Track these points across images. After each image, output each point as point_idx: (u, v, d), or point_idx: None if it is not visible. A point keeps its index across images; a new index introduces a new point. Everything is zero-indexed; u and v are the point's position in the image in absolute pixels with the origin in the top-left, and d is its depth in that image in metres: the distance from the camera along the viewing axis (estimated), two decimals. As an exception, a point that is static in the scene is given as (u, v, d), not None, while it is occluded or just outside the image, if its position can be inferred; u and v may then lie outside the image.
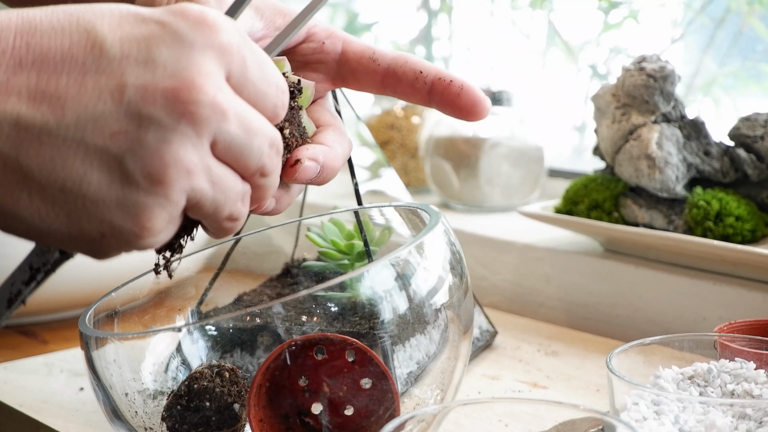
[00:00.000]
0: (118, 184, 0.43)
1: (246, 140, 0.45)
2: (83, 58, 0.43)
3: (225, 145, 0.45)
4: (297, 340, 0.60)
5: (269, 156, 0.47)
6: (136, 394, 0.64)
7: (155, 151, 0.43)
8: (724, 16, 1.27)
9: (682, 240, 0.91)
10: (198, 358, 0.69)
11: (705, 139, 0.97)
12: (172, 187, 0.44)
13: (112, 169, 0.43)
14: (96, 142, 0.42)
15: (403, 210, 0.74)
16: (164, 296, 0.75)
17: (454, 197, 1.22)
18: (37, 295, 1.03)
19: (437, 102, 0.58)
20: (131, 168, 0.43)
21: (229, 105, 0.44)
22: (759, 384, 0.65)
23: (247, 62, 0.45)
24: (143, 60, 0.43)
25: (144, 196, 0.43)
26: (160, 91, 0.43)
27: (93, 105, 0.42)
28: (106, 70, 0.43)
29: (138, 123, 0.43)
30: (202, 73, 0.44)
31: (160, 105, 0.43)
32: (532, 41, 1.45)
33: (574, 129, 1.43)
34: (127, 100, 0.43)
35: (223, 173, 0.46)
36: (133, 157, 0.43)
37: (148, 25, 0.44)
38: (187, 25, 0.44)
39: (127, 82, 0.43)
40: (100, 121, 0.42)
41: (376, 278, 0.61)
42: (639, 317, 0.97)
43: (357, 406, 0.60)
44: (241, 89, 0.46)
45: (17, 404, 0.81)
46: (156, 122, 0.43)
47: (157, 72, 0.43)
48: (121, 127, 0.42)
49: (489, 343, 0.93)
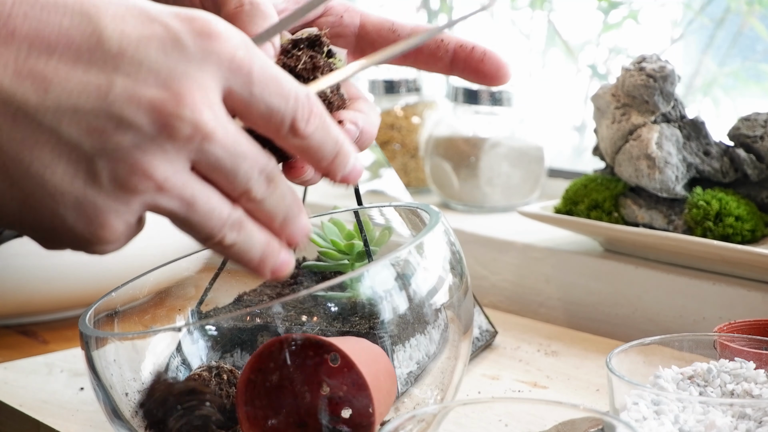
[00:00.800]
0: (81, 182, 0.42)
1: (231, 164, 0.44)
2: (78, 43, 0.42)
3: (208, 165, 0.44)
4: (290, 339, 0.60)
5: (258, 182, 0.45)
6: (137, 394, 0.64)
7: (127, 157, 0.42)
8: (723, 16, 1.27)
9: (682, 240, 0.91)
10: (198, 358, 0.69)
11: (705, 139, 0.97)
12: (135, 196, 0.43)
13: (80, 165, 0.42)
14: (71, 133, 0.41)
15: (403, 210, 0.74)
16: (164, 296, 0.75)
17: (454, 197, 1.22)
18: (37, 295, 1.03)
19: (460, 69, 0.58)
20: (99, 168, 0.42)
21: (216, 125, 0.43)
22: (759, 384, 0.65)
23: (253, 77, 0.44)
24: (138, 61, 0.42)
25: (103, 200, 0.42)
26: (146, 98, 0.42)
27: (77, 95, 0.41)
28: (98, 62, 0.42)
29: (117, 124, 0.42)
30: (195, 88, 0.42)
31: (143, 112, 0.42)
32: (532, 41, 1.45)
33: (574, 129, 1.43)
34: (111, 98, 0.41)
35: (204, 194, 0.44)
36: (103, 158, 0.42)
37: (152, 26, 0.43)
38: (191, 33, 0.43)
39: (116, 80, 0.42)
40: (79, 113, 0.41)
41: (376, 278, 0.61)
42: (639, 317, 0.97)
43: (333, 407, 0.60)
44: (247, 106, 0.44)
45: (17, 404, 0.81)
46: (135, 128, 0.42)
47: (149, 78, 0.42)
48: (99, 125, 0.41)
49: (489, 343, 0.93)
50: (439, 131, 1.23)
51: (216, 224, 0.45)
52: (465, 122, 1.22)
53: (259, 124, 0.45)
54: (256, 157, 0.45)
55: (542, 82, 1.45)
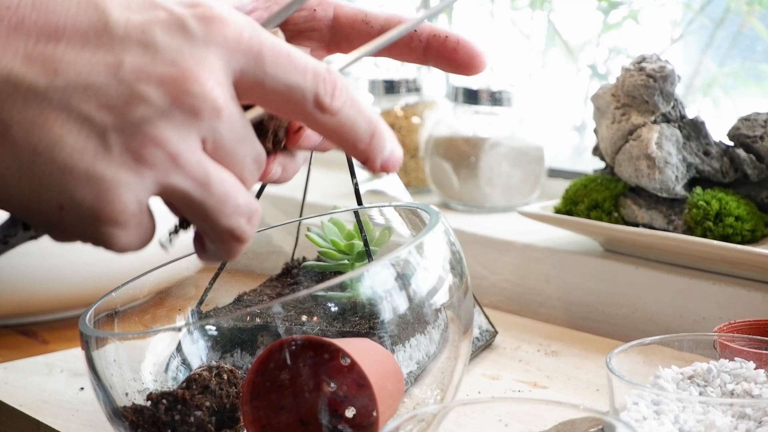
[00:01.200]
0: (92, 155, 0.42)
1: (231, 146, 0.44)
2: (86, 28, 0.42)
3: (213, 144, 0.44)
4: (293, 339, 0.60)
5: (250, 170, 0.45)
6: (137, 394, 0.64)
7: (139, 129, 0.42)
8: (723, 16, 1.27)
9: (681, 240, 0.91)
10: (198, 358, 0.69)
11: (705, 139, 0.97)
12: (148, 169, 0.42)
13: (90, 140, 0.42)
14: (81, 108, 0.42)
15: (403, 210, 0.74)
16: (164, 296, 0.75)
17: (454, 197, 1.22)
18: (37, 295, 1.03)
19: (434, 59, 0.57)
20: (111, 141, 0.42)
21: (225, 102, 0.43)
22: (759, 384, 0.65)
23: (264, 56, 0.44)
24: (145, 43, 0.42)
25: (114, 171, 0.42)
26: (157, 74, 0.42)
27: (86, 74, 0.42)
28: (105, 45, 0.42)
29: (128, 99, 0.42)
30: (202, 67, 0.43)
31: (153, 86, 0.42)
32: (532, 41, 1.45)
33: (574, 129, 1.43)
34: (122, 75, 0.42)
35: (219, 175, 0.44)
36: (115, 131, 0.42)
37: (156, 11, 0.43)
38: (195, 17, 0.43)
39: (125, 58, 0.42)
40: (90, 90, 0.42)
41: (376, 278, 0.61)
42: (639, 317, 0.97)
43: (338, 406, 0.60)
44: (262, 87, 0.44)
45: (17, 404, 0.81)
46: (146, 101, 0.42)
47: (157, 57, 0.42)
48: (110, 101, 0.42)
49: (489, 343, 0.93)
50: (439, 131, 1.23)
51: (231, 211, 0.44)
52: (465, 122, 1.22)
53: (281, 106, 0.45)
54: (253, 143, 0.45)
55: (542, 82, 1.45)
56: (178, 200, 0.44)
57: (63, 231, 0.44)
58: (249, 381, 0.60)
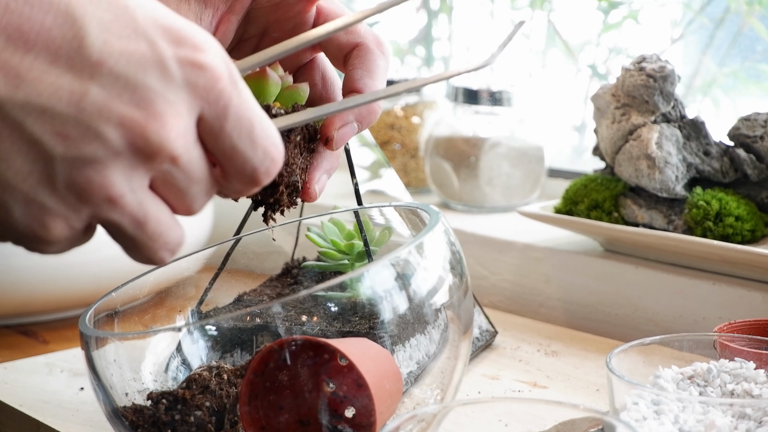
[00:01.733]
0: (36, 180, 0.41)
1: (185, 186, 0.44)
2: (58, 44, 0.40)
3: (164, 183, 0.44)
4: (291, 340, 0.60)
5: (197, 199, 0.45)
6: (136, 394, 0.64)
7: (87, 167, 0.41)
8: (723, 16, 1.27)
9: (682, 240, 0.91)
10: (198, 358, 0.69)
11: (705, 139, 0.97)
12: (87, 206, 0.42)
13: (36, 165, 0.41)
14: (34, 131, 0.40)
15: (403, 210, 0.74)
16: (164, 296, 0.75)
17: (454, 197, 1.22)
18: (38, 295, 1.03)
19: None
20: (57, 171, 0.41)
21: (183, 151, 0.43)
22: (759, 384, 0.65)
23: (229, 114, 0.43)
24: (116, 75, 0.41)
25: (54, 203, 0.42)
26: (119, 113, 0.41)
27: (47, 96, 0.40)
28: (75, 68, 0.41)
29: (84, 133, 0.41)
30: (169, 112, 0.42)
31: (113, 127, 0.41)
32: (532, 41, 1.45)
33: (574, 129, 1.43)
34: (83, 106, 0.41)
35: (156, 215, 0.44)
36: (63, 163, 0.41)
37: (137, 42, 0.41)
38: (176, 59, 0.42)
39: (91, 89, 0.41)
40: (47, 114, 0.40)
41: (376, 278, 0.61)
42: (639, 317, 0.97)
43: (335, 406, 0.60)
44: (214, 138, 0.44)
45: (17, 404, 0.81)
46: (101, 140, 0.41)
47: (125, 94, 0.41)
48: (66, 130, 0.41)
49: (489, 343, 0.93)
50: (439, 131, 1.23)
51: (159, 247, 0.45)
52: (465, 122, 1.22)
53: (223, 162, 0.45)
54: (206, 181, 0.45)
55: (542, 82, 1.45)
56: (110, 230, 0.44)
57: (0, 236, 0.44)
58: (248, 381, 0.60)
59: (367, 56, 0.60)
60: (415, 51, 1.59)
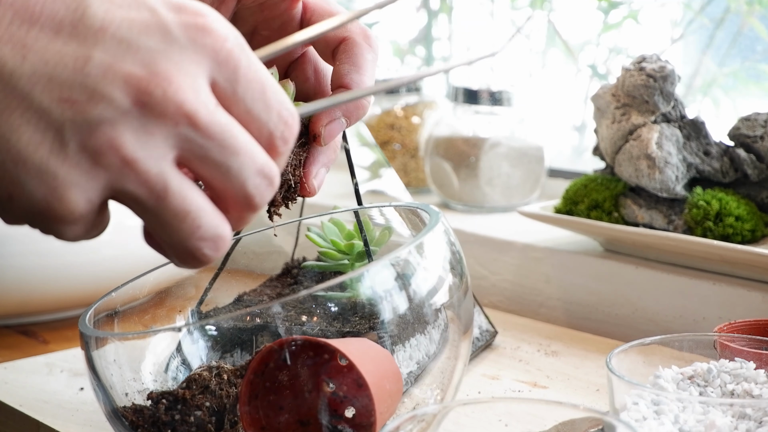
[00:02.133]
0: (47, 150, 0.40)
1: (220, 156, 0.42)
2: (62, 15, 0.41)
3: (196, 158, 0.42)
4: (291, 340, 0.60)
5: (257, 187, 0.43)
6: (136, 394, 0.64)
7: (96, 129, 0.40)
8: (723, 16, 1.27)
9: (682, 240, 0.91)
10: (198, 358, 0.69)
11: (705, 139, 0.97)
12: (101, 171, 0.41)
13: (47, 133, 0.40)
14: (42, 101, 0.40)
15: (403, 210, 0.74)
16: (164, 296, 0.75)
17: (454, 197, 1.22)
18: (38, 295, 1.03)
19: None
20: (67, 138, 0.40)
21: (198, 107, 0.41)
22: (759, 384, 0.65)
23: (239, 74, 0.43)
24: (119, 39, 0.41)
25: (66, 170, 0.41)
26: (123, 72, 0.41)
27: (53, 64, 0.40)
28: (79, 36, 0.41)
29: (90, 96, 0.40)
30: (176, 70, 0.41)
31: (118, 86, 0.40)
32: (532, 41, 1.45)
33: (574, 129, 1.43)
34: (87, 70, 0.40)
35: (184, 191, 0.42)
36: (72, 128, 0.40)
37: (140, 10, 0.42)
38: (180, 24, 0.42)
39: (94, 54, 0.41)
40: (54, 82, 0.40)
41: (376, 278, 0.61)
42: (639, 317, 0.97)
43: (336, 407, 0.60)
44: (228, 103, 0.43)
45: (17, 404, 0.81)
46: (108, 101, 0.40)
47: (128, 56, 0.41)
48: (72, 95, 0.40)
49: (489, 343, 0.93)
50: (439, 131, 1.23)
51: (190, 232, 0.42)
52: (465, 122, 1.22)
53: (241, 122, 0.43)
54: (252, 153, 0.43)
55: (542, 82, 1.45)
56: (132, 206, 0.42)
57: (12, 216, 0.43)
58: (248, 381, 0.60)
59: (355, 50, 0.59)
60: (415, 51, 1.59)
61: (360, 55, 0.59)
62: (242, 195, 0.43)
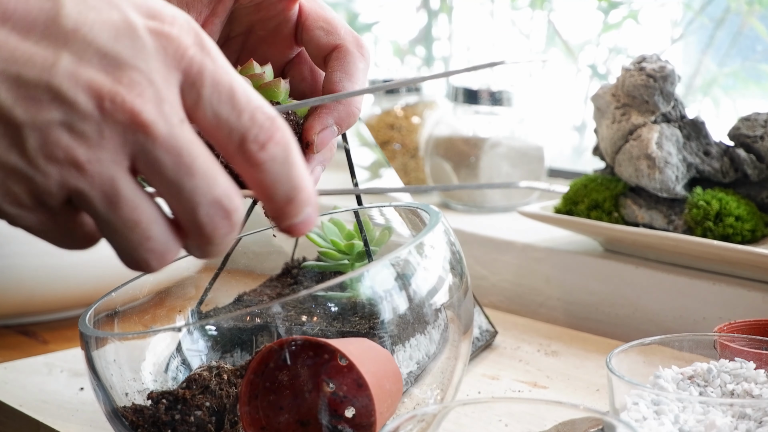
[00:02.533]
0: (5, 147, 0.40)
1: (174, 176, 0.41)
2: (35, 15, 0.41)
3: (148, 168, 0.41)
4: (291, 340, 0.60)
5: (209, 216, 0.42)
6: (136, 394, 0.64)
7: (54, 130, 0.40)
8: (723, 16, 1.27)
9: (682, 240, 0.91)
10: (198, 358, 0.69)
11: (705, 139, 0.97)
12: (53, 166, 0.41)
13: (7, 130, 0.40)
14: (6, 98, 0.40)
15: (403, 210, 0.74)
16: (164, 296, 0.75)
17: (454, 197, 1.22)
18: (38, 295, 1.03)
19: None
20: (26, 136, 0.40)
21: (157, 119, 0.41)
22: (759, 384, 0.65)
23: (204, 79, 0.42)
24: (88, 42, 0.41)
25: (24, 165, 0.41)
26: (86, 77, 0.40)
27: (22, 63, 0.40)
28: (50, 36, 0.41)
29: (53, 98, 0.40)
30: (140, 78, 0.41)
31: (81, 90, 0.40)
32: (532, 41, 1.45)
33: (574, 129, 1.43)
34: (54, 72, 0.40)
35: (133, 202, 0.41)
36: (31, 127, 0.40)
37: (110, 12, 0.42)
38: (148, 29, 0.42)
39: (63, 55, 0.41)
40: (20, 80, 0.40)
41: (376, 278, 0.61)
42: (639, 317, 0.97)
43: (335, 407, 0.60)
44: (195, 110, 0.42)
45: (17, 404, 0.81)
46: (69, 104, 0.40)
47: (94, 59, 0.41)
48: (36, 95, 0.40)
49: (489, 343, 0.93)
50: (439, 131, 1.23)
51: (139, 242, 0.42)
52: (465, 122, 1.22)
53: (212, 138, 0.43)
54: (210, 178, 0.42)
55: (542, 82, 1.45)
56: (86, 209, 0.42)
57: None
58: (248, 381, 0.60)
59: (347, 58, 0.60)
60: (415, 51, 1.59)
61: (352, 63, 0.60)
62: (191, 221, 0.42)
